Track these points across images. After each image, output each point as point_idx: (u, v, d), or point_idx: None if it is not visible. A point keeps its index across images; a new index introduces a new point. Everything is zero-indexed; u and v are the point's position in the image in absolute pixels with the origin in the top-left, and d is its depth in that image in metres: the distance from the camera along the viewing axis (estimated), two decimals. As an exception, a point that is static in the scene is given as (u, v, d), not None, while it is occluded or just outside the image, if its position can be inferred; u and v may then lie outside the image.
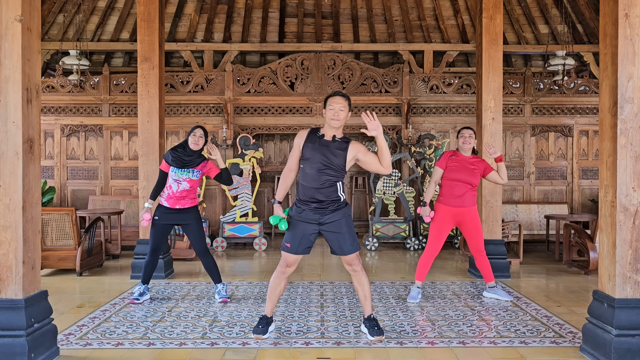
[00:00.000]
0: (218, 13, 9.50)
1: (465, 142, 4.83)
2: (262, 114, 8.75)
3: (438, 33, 9.64)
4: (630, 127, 3.21)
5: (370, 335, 3.74)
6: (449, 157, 4.85)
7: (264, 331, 3.76)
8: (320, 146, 3.54)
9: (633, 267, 3.23)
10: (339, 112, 3.56)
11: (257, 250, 7.84)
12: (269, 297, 3.78)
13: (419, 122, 8.80)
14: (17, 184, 3.13)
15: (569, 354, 3.49)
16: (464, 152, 4.87)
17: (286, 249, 3.65)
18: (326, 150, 3.53)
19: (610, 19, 3.32)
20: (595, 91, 8.82)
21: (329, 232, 3.61)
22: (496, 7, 5.86)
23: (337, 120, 3.56)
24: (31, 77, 3.21)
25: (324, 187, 3.53)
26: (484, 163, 4.88)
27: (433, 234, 4.84)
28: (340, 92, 3.68)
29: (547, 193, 8.94)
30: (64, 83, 8.65)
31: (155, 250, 4.81)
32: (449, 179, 4.81)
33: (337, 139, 3.58)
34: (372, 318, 3.80)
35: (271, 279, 3.78)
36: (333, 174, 3.54)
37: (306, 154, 3.56)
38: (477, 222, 4.85)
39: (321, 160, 3.52)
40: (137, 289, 4.81)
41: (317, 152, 3.53)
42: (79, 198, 8.79)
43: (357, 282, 3.73)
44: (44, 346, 3.27)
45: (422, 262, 4.87)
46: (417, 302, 4.74)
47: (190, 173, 4.68)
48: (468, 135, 4.84)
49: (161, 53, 5.98)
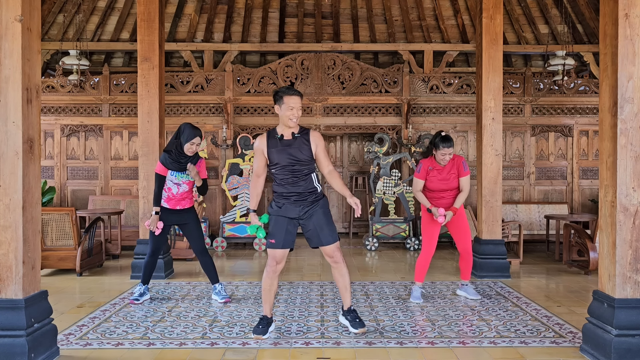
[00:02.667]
0: (218, 13, 9.50)
1: (444, 160, 4.62)
2: (262, 114, 8.75)
3: (438, 33, 9.64)
4: (630, 127, 3.21)
5: (353, 327, 3.79)
6: (428, 169, 4.73)
7: (264, 331, 3.77)
8: (283, 147, 3.62)
9: (633, 267, 3.23)
10: (298, 111, 3.61)
11: (257, 250, 7.85)
12: (265, 299, 3.82)
13: (419, 122, 8.80)
14: (17, 184, 3.13)
15: (569, 354, 3.49)
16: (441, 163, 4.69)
17: (272, 245, 3.70)
18: (290, 149, 3.62)
19: (610, 19, 3.32)
20: (595, 91, 8.82)
21: (308, 224, 3.68)
22: (496, 7, 5.86)
23: (295, 119, 3.62)
24: (31, 77, 3.21)
25: (300, 180, 3.64)
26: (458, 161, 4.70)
27: (425, 237, 4.83)
28: (295, 89, 3.68)
29: (547, 193, 8.94)
30: (64, 83, 8.65)
31: (155, 251, 4.84)
32: (430, 190, 4.77)
33: (297, 135, 3.65)
34: (352, 310, 3.87)
35: (263, 280, 3.79)
36: (304, 167, 3.64)
37: (273, 159, 3.64)
38: (463, 223, 4.81)
39: (289, 160, 3.61)
40: (137, 289, 4.82)
41: (283, 154, 3.62)
42: (79, 198, 8.79)
43: (338, 273, 3.80)
44: (44, 346, 3.27)
45: (420, 263, 4.86)
46: (421, 302, 4.75)
47: (188, 175, 4.70)
48: (449, 154, 4.58)
49: (161, 53, 5.98)
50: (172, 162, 4.63)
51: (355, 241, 8.81)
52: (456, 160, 4.73)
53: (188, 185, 4.74)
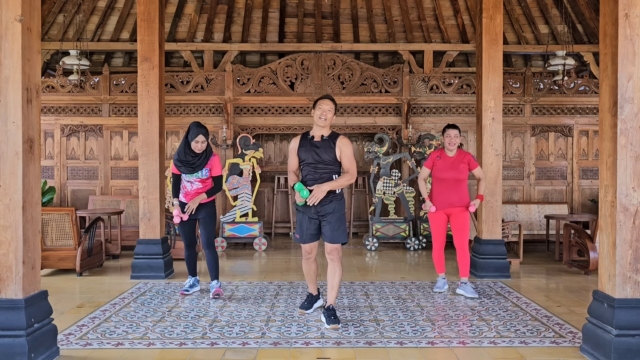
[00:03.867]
0: (218, 13, 9.50)
1: (451, 143, 4.99)
2: (262, 114, 8.75)
3: (438, 33, 9.64)
4: (630, 127, 3.21)
5: (327, 323, 3.98)
6: (435, 158, 5.06)
7: (309, 307, 4.37)
8: (311, 147, 4.08)
9: (633, 267, 3.23)
10: (326, 112, 4.06)
11: (257, 250, 7.84)
12: (308, 279, 4.40)
13: (419, 122, 8.80)
14: (17, 184, 3.13)
15: (569, 354, 3.49)
16: (450, 152, 5.05)
17: (297, 240, 4.25)
18: (317, 149, 4.05)
19: (610, 19, 3.32)
20: (595, 91, 8.82)
21: (325, 221, 4.07)
22: (496, 7, 5.86)
23: (325, 120, 4.06)
24: (31, 77, 3.21)
25: (322, 179, 4.03)
26: (467, 156, 5.04)
27: (433, 229, 5.15)
28: (329, 95, 4.20)
29: (547, 193, 8.94)
30: (64, 83, 8.65)
31: (189, 245, 5.09)
32: (438, 179, 5.04)
33: (325, 138, 4.09)
34: (332, 308, 4.07)
35: (303, 266, 4.36)
36: (327, 167, 4.05)
37: (302, 157, 4.12)
38: (465, 219, 5.02)
39: (314, 158, 4.05)
40: (187, 282, 5.14)
41: (310, 152, 4.06)
42: (79, 198, 8.79)
43: (331, 270, 4.12)
44: (44, 346, 3.27)
45: (434, 256, 5.19)
46: (443, 291, 5.12)
47: (199, 173, 4.85)
48: (454, 135, 4.99)
49: (161, 53, 5.98)
50: (182, 163, 4.79)
51: (355, 241, 8.81)
52: (466, 155, 5.05)
53: (200, 183, 4.88)
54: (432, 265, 6.55)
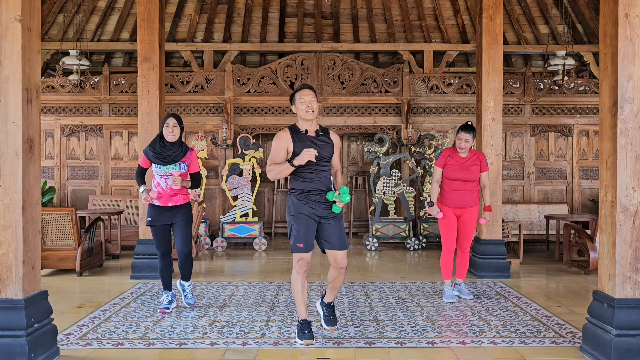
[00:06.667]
0: (218, 13, 9.49)
1: (463, 148, 4.72)
2: (262, 114, 8.75)
3: (438, 33, 9.64)
4: (630, 127, 3.21)
5: (326, 323, 3.81)
6: (447, 157, 4.82)
7: (312, 335, 3.66)
8: (309, 142, 3.60)
9: (633, 267, 3.23)
10: (311, 103, 3.61)
11: (257, 250, 7.85)
12: (300, 301, 3.68)
13: (419, 122, 8.80)
14: (17, 184, 3.13)
15: (569, 354, 3.49)
16: (462, 152, 4.80)
17: (300, 249, 3.58)
18: (314, 145, 3.59)
19: (610, 19, 3.32)
20: (595, 91, 8.82)
21: (329, 227, 3.62)
22: (496, 7, 5.86)
23: (312, 112, 3.61)
24: (31, 77, 3.21)
25: (323, 175, 3.63)
26: (481, 156, 4.84)
27: (444, 232, 4.86)
28: (307, 84, 3.74)
29: (547, 193, 8.94)
30: (64, 83, 8.65)
31: (164, 254, 4.51)
32: (449, 178, 4.82)
33: (321, 133, 3.70)
34: (332, 306, 3.87)
35: (293, 282, 3.67)
36: (327, 164, 3.67)
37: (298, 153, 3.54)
38: (472, 222, 4.88)
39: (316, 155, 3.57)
40: (165, 297, 4.55)
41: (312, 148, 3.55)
42: (79, 198, 8.79)
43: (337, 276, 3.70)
44: (44, 346, 3.27)
45: (443, 260, 4.89)
46: (454, 301, 4.77)
47: (177, 166, 4.40)
48: (465, 139, 4.68)
49: (161, 53, 5.98)
50: (157, 157, 4.37)
51: (355, 241, 8.81)
52: (479, 155, 4.84)
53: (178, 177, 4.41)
54: (432, 265, 6.56)
